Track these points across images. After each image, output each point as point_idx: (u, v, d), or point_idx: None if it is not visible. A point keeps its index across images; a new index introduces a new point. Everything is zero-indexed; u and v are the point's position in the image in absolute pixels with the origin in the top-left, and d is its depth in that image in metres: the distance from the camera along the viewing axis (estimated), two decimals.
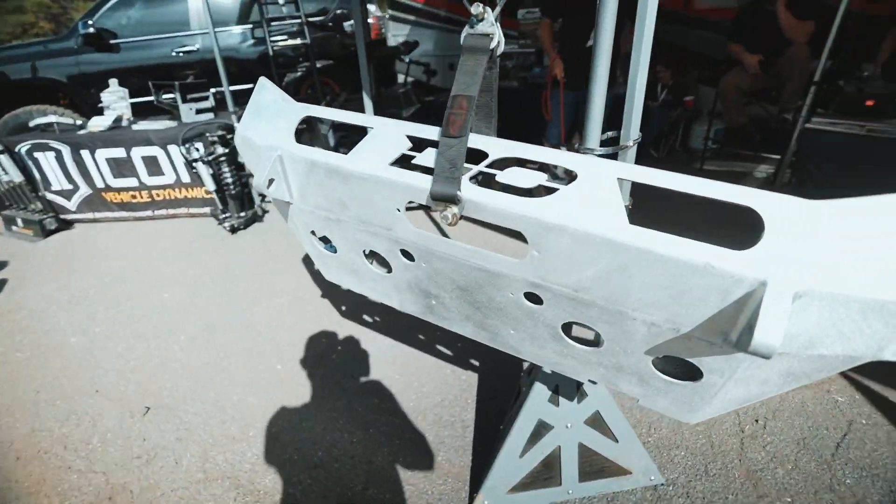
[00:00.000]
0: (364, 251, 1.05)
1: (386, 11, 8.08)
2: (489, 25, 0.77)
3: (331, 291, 2.75)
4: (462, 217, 0.79)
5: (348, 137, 4.47)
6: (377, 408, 1.96)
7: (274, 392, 2.06)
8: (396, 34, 7.82)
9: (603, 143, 1.22)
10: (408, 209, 0.87)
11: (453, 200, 0.77)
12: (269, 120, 0.96)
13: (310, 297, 2.72)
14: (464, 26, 0.80)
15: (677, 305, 0.69)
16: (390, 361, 2.21)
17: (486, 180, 0.83)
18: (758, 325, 0.57)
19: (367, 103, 3.21)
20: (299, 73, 5.37)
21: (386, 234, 0.92)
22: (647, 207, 1.28)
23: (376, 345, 2.31)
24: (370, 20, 6.41)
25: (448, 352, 2.24)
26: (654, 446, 1.71)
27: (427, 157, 0.80)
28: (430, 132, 0.81)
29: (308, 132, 4.28)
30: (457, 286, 0.94)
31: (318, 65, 5.10)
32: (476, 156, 0.80)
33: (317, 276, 2.92)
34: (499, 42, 0.78)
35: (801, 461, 1.64)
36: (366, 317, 2.52)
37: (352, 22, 6.14)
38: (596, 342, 0.88)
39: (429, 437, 1.81)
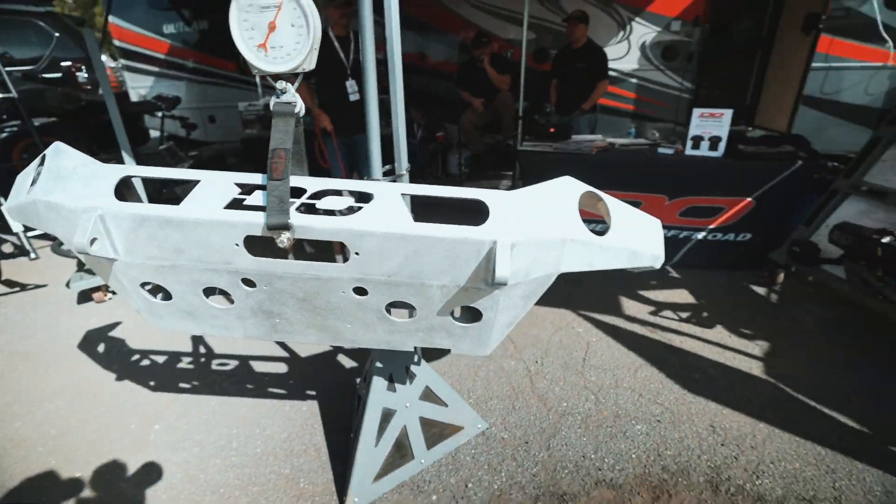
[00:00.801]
0: (202, 290, 1.16)
1: (118, 61, 7.26)
2: (291, 96, 1.03)
3: (129, 371, 2.45)
4: (295, 239, 1.02)
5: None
6: (222, 466, 1.90)
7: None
8: (136, 86, 7.10)
9: (385, 174, 1.59)
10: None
11: (287, 227, 0.99)
12: (80, 182, 1.00)
13: (96, 390, 2.36)
14: (219, 78, 1.04)
15: (455, 268, 1.06)
16: (224, 419, 2.14)
17: (308, 209, 1.07)
18: (496, 267, 0.98)
19: (129, 161, 2.99)
20: (4, 134, 4.46)
21: (226, 268, 1.07)
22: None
23: (203, 408, 2.20)
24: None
25: (282, 391, 2.29)
26: (475, 404, 2.15)
27: (257, 198, 1.01)
28: (256, 178, 1.02)
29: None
30: (297, 299, 1.15)
31: (36, 122, 4.34)
32: (297, 192, 1.05)
33: (101, 359, 2.55)
34: (301, 108, 1.05)
35: (566, 377, 2.31)
36: (182, 384, 2.35)
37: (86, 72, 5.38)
38: (410, 314, 1.21)
39: (285, 471, 1.87)
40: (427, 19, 5.86)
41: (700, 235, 3.39)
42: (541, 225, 1.04)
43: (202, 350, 2.61)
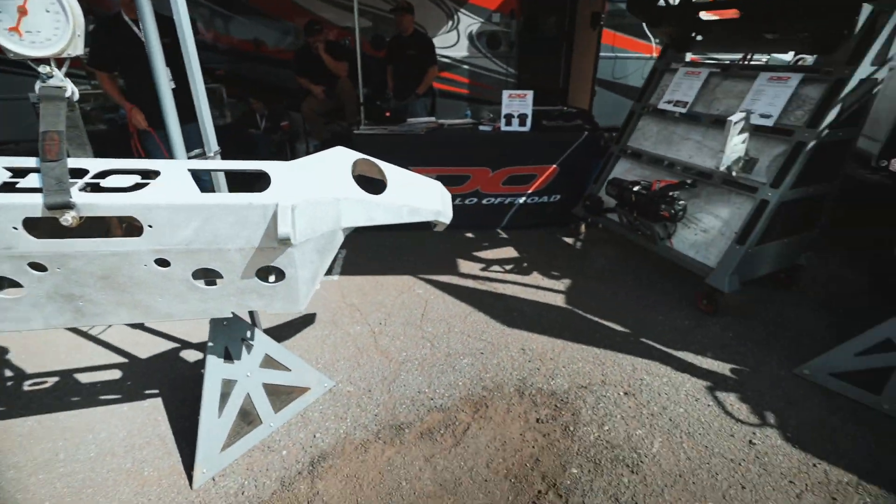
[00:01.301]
0: None
1: None
2: (59, 80, 1.08)
3: None
4: (82, 217, 1.09)
5: None
6: (47, 480, 1.81)
7: None
8: None
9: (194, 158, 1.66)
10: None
11: (68, 206, 1.06)
12: None
13: None
14: None
15: (247, 231, 1.23)
16: (46, 434, 2.00)
17: (95, 189, 1.14)
18: (278, 225, 1.18)
19: None
20: None
21: (7, 253, 1.09)
22: None
23: (15, 431, 2.03)
24: None
25: (117, 395, 2.21)
26: (322, 367, 2.33)
27: (32, 181, 1.05)
28: (29, 161, 1.06)
29: None
30: (97, 277, 1.21)
31: None
32: (80, 174, 1.11)
33: None
34: (73, 91, 1.11)
35: (406, 331, 2.62)
36: None
37: None
38: (216, 280, 1.35)
39: (126, 466, 1.85)
40: (261, 6, 5.66)
41: (521, 200, 3.96)
42: (317, 187, 1.26)
43: (8, 373, 2.36)
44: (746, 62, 3.33)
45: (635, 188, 2.97)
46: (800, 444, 1.94)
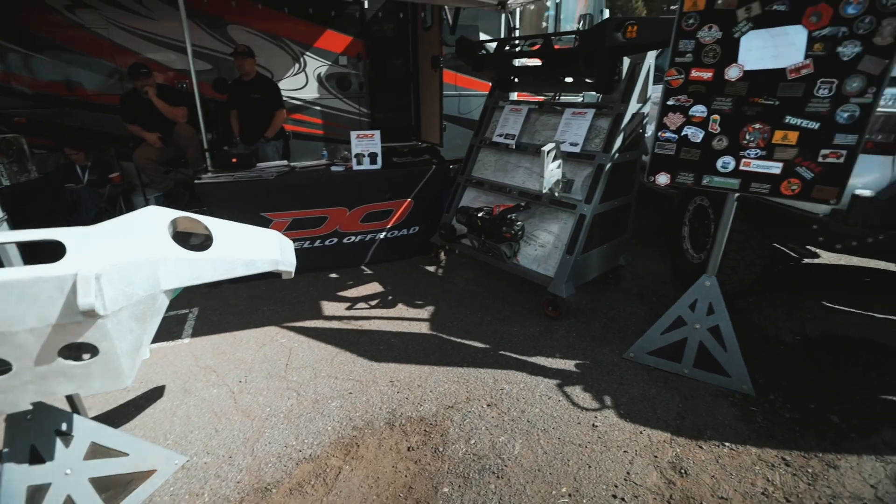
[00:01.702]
0: None
1: None
2: None
3: None
4: None
5: None
6: None
7: None
8: None
9: None
10: None
11: None
12: None
13: None
14: None
15: (39, 308, 1.10)
16: None
17: None
18: (79, 297, 1.08)
19: None
20: None
21: None
22: None
23: None
24: None
25: None
26: (173, 443, 2.10)
27: None
28: None
29: None
30: None
31: None
32: None
33: None
34: None
35: (270, 385, 2.49)
36: None
37: None
38: (4, 369, 1.17)
39: None
40: (72, 44, 5.05)
41: (382, 235, 4.07)
42: (127, 250, 1.18)
43: None
44: (557, 99, 3.94)
45: (479, 214, 3.27)
46: (630, 417, 2.28)
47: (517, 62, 3.38)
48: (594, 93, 3.53)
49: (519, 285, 3.59)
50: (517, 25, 6.54)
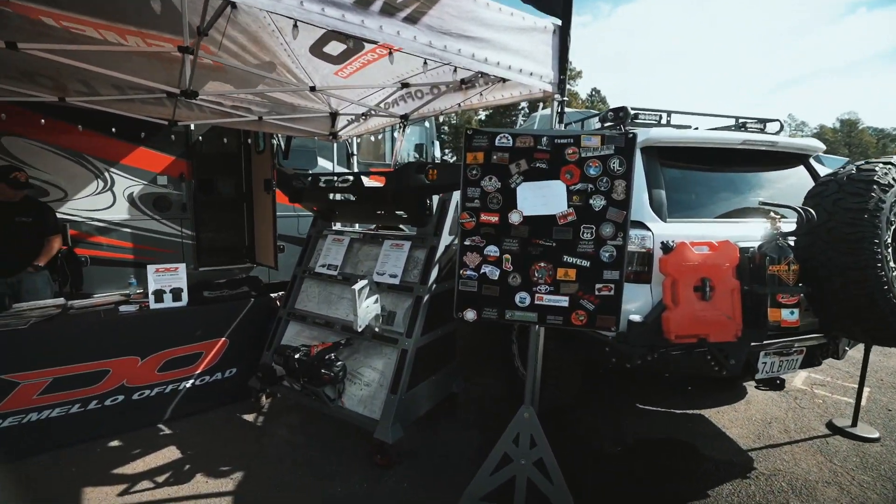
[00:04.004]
0: None
1: None
2: None
3: None
4: None
5: None
6: None
7: None
8: None
9: None
10: None
11: None
12: None
13: None
14: None
15: None
16: None
17: None
18: None
19: None
20: None
21: None
22: None
23: None
24: None
25: None
26: None
27: None
28: None
29: None
30: None
31: None
32: None
33: None
34: None
35: None
36: None
37: None
38: None
39: None
40: None
41: (189, 383, 3.41)
42: None
43: None
44: (377, 231, 4.02)
45: (296, 355, 2.94)
46: None
47: (333, 196, 3.38)
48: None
49: (350, 427, 3.22)
50: (355, 153, 6.90)
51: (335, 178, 3.30)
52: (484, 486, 2.47)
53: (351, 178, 3.14)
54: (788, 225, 2.54)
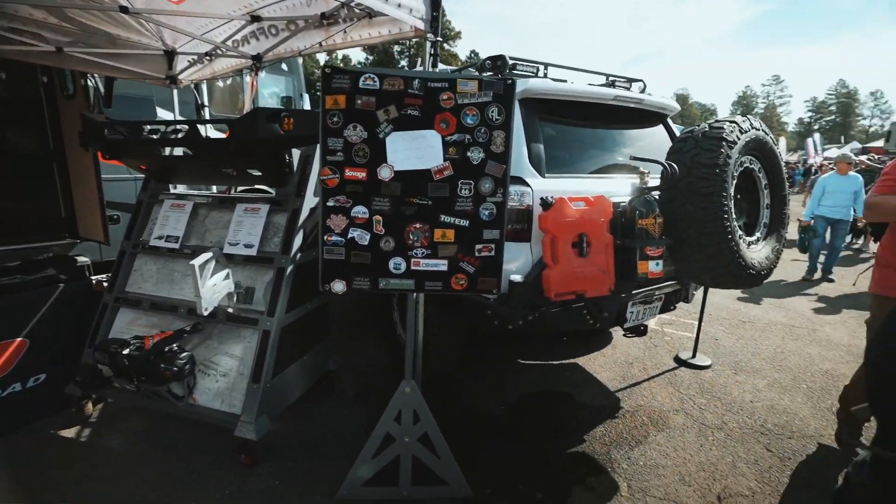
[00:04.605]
0: None
1: None
2: None
3: None
4: None
5: None
6: None
7: None
8: None
9: None
10: None
11: None
12: None
13: None
14: None
15: None
16: None
17: None
18: None
19: None
20: None
21: None
22: None
23: None
24: None
25: None
26: None
27: None
28: None
29: None
30: None
31: None
32: None
33: None
34: None
35: None
36: None
37: None
38: None
39: None
40: None
41: None
42: None
43: None
44: (228, 193, 3.42)
45: (125, 350, 2.36)
46: None
47: (163, 150, 2.72)
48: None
49: (207, 425, 2.75)
50: (206, 103, 5.86)
51: (164, 127, 2.62)
52: (366, 472, 2.25)
53: (185, 127, 2.51)
54: (654, 181, 2.63)
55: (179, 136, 2.50)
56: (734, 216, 2.52)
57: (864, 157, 10.68)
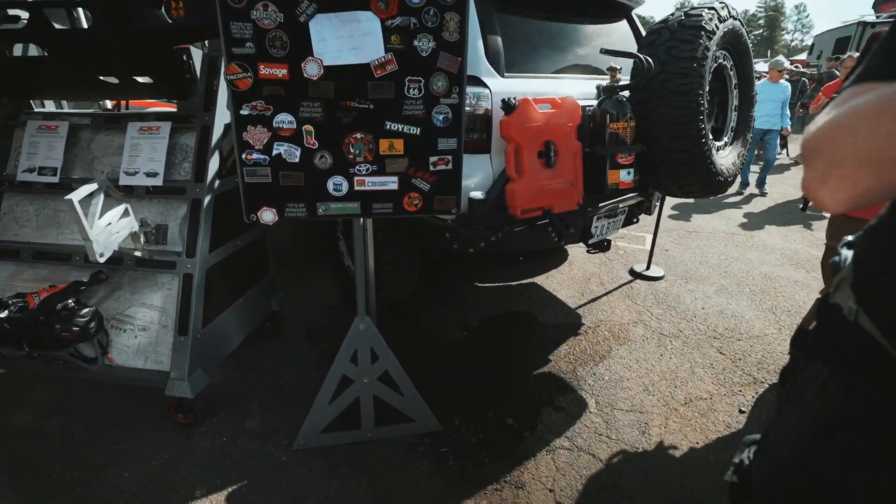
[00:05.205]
0: None
1: None
2: None
3: None
4: None
5: None
6: None
7: None
8: None
9: None
10: None
11: None
12: None
13: None
14: None
15: None
16: None
17: None
18: None
19: None
20: None
21: None
22: None
23: None
24: None
25: None
26: None
27: None
28: None
29: None
30: None
31: None
32: None
33: None
34: None
35: None
36: None
37: None
38: None
39: None
40: None
41: None
42: None
43: None
44: (117, 110, 2.78)
45: (2, 313, 1.90)
46: None
47: (13, 51, 2.06)
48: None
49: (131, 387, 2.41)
50: None
51: None
52: (325, 417, 2.04)
53: (25, 13, 1.85)
54: (624, 80, 2.34)
55: (19, 26, 1.86)
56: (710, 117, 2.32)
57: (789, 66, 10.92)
